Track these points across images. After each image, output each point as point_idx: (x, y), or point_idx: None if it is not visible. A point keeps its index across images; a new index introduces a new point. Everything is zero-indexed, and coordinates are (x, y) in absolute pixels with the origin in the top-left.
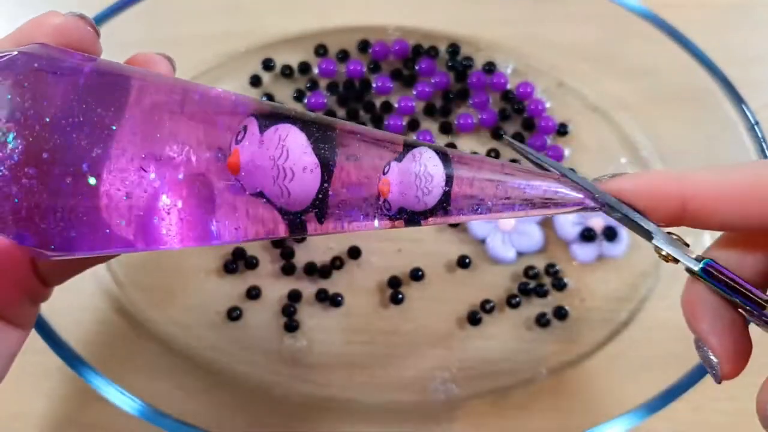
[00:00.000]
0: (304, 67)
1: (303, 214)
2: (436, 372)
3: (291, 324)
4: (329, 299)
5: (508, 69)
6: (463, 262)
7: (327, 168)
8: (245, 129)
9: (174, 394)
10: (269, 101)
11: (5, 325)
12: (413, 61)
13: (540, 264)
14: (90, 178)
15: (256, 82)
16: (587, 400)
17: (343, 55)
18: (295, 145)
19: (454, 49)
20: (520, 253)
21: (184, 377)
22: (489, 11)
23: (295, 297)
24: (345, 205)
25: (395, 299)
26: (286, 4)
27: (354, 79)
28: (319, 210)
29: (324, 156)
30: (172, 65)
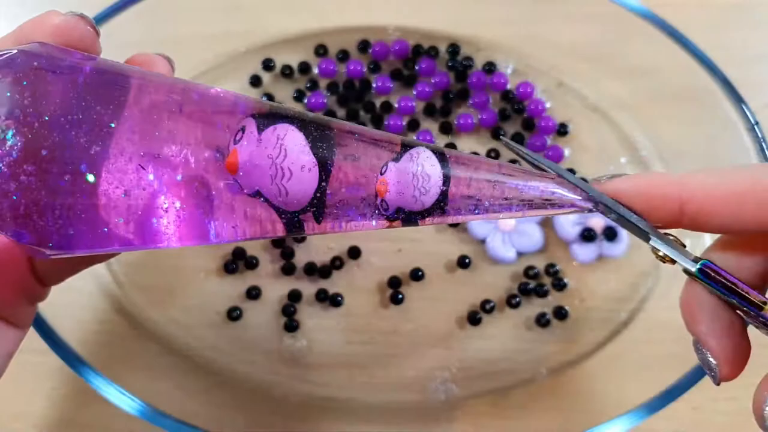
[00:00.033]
0: (304, 67)
1: (301, 214)
2: (436, 372)
3: (291, 324)
4: (329, 299)
5: (508, 69)
6: (463, 262)
7: (325, 167)
8: (243, 129)
9: (174, 394)
10: (268, 101)
11: (3, 325)
12: (413, 61)
13: (540, 264)
14: (88, 175)
15: (256, 82)
16: (587, 400)
17: (343, 55)
18: (293, 145)
19: (454, 49)
20: (520, 253)
21: (184, 377)
22: (489, 11)
23: (295, 297)
24: (342, 204)
25: (395, 299)
26: (286, 4)
27: (354, 79)
28: (317, 209)
29: (322, 155)
30: (171, 65)
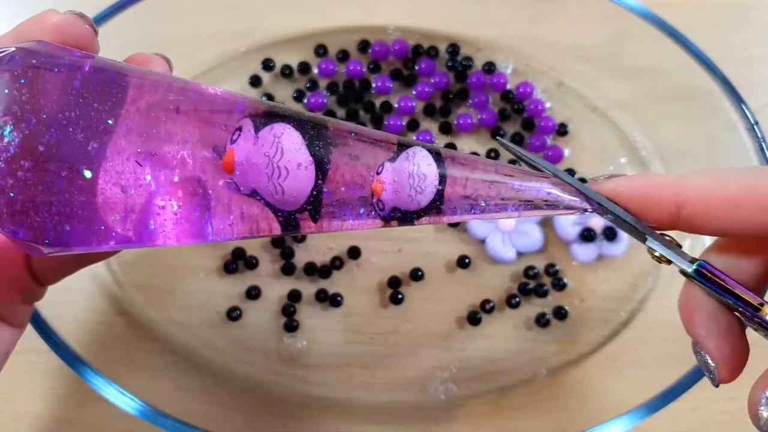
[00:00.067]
0: (304, 67)
1: (297, 213)
2: (436, 372)
3: (291, 324)
4: (329, 299)
5: (508, 69)
6: (463, 262)
7: (321, 166)
8: (240, 129)
9: (174, 393)
10: (266, 101)
11: None
12: (413, 61)
13: (540, 264)
14: (86, 172)
15: (256, 82)
16: (587, 400)
17: (343, 55)
18: (290, 144)
19: (454, 49)
20: (520, 253)
21: (184, 377)
22: (489, 11)
23: (295, 297)
24: (339, 203)
25: (395, 299)
26: (286, 4)
27: (354, 79)
28: (313, 208)
29: (318, 154)
30: (170, 65)
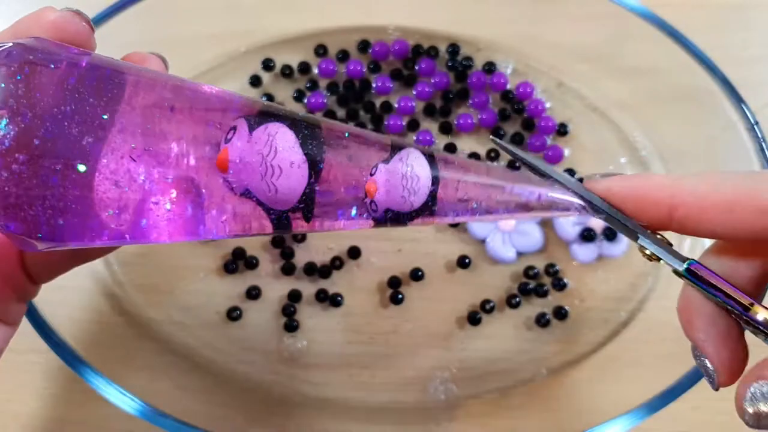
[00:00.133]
0: (304, 67)
1: (289, 212)
2: (436, 372)
3: (291, 324)
4: (329, 299)
5: (508, 69)
6: (463, 262)
7: (314, 166)
8: (235, 128)
9: (174, 393)
10: (260, 100)
11: None
12: (413, 61)
13: (540, 264)
14: (80, 166)
15: (256, 82)
16: (587, 400)
17: (343, 55)
18: (283, 143)
19: (454, 49)
20: (520, 253)
21: (184, 377)
22: (489, 11)
23: (295, 297)
24: (332, 203)
25: (395, 299)
26: (286, 4)
27: (354, 79)
28: (306, 208)
29: (312, 154)
30: (165, 64)
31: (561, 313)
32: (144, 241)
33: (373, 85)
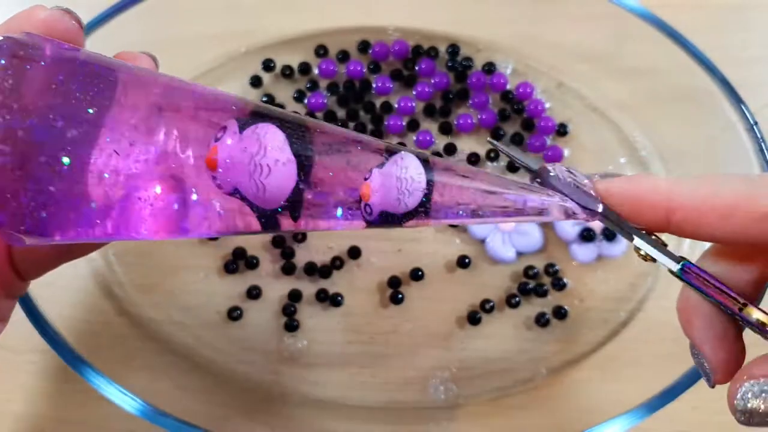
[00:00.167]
0: (305, 68)
1: (278, 211)
2: (436, 372)
3: (291, 324)
4: (329, 299)
5: (508, 69)
6: (463, 262)
7: (303, 166)
8: (225, 128)
9: (174, 393)
10: (252, 101)
11: None
12: (413, 61)
13: (540, 264)
14: (64, 159)
15: (256, 82)
16: (587, 399)
17: (343, 56)
18: (273, 142)
19: (453, 49)
20: (520, 253)
21: (184, 377)
22: (489, 11)
23: (295, 297)
24: (321, 204)
25: (395, 299)
26: (286, 4)
27: (354, 79)
28: (294, 207)
29: (301, 154)
30: (156, 63)
31: (561, 313)
32: (130, 237)
33: (373, 85)
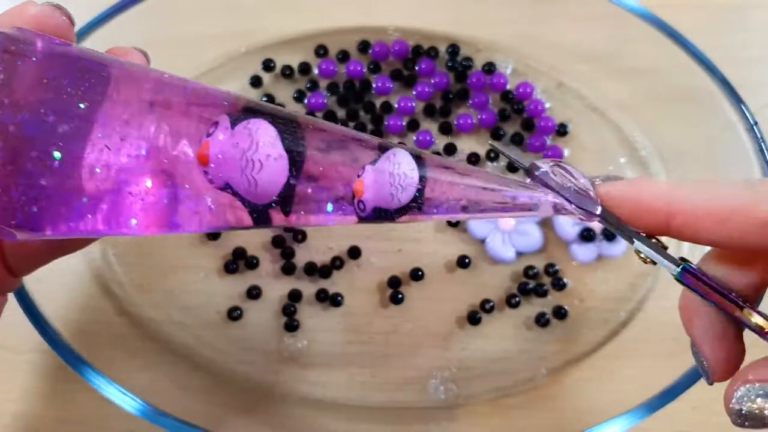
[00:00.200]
0: (305, 68)
1: (269, 206)
2: (436, 372)
3: (291, 324)
4: (329, 299)
5: (508, 69)
6: (463, 262)
7: (295, 162)
8: (217, 124)
9: (174, 393)
10: (244, 96)
11: None
12: (413, 61)
13: (540, 264)
14: (55, 154)
15: (256, 82)
16: (587, 399)
17: (343, 56)
18: (265, 138)
19: (453, 49)
20: (520, 253)
21: (184, 377)
22: (489, 11)
23: (295, 297)
24: (314, 199)
25: (395, 299)
26: (286, 4)
27: (354, 79)
28: (285, 202)
29: (293, 150)
30: (147, 59)
31: (561, 313)
32: (121, 233)
33: (373, 85)
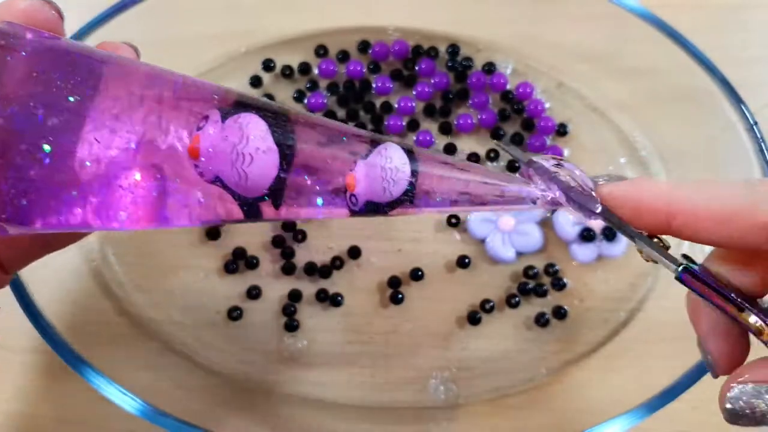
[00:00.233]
0: (305, 68)
1: (260, 199)
2: (436, 372)
3: (291, 324)
4: (329, 299)
5: (508, 69)
6: (463, 262)
7: (285, 155)
8: (207, 118)
9: (174, 393)
10: (235, 90)
11: None
12: (413, 61)
13: (539, 264)
14: (45, 147)
15: (256, 82)
16: (587, 399)
17: (343, 56)
18: (255, 131)
19: (453, 49)
20: (520, 253)
21: (185, 377)
22: (489, 11)
23: (295, 297)
24: (304, 193)
25: (395, 299)
26: (286, 4)
27: (354, 79)
28: (275, 195)
29: (283, 143)
30: (137, 54)
31: (560, 313)
32: (111, 227)
33: (373, 85)
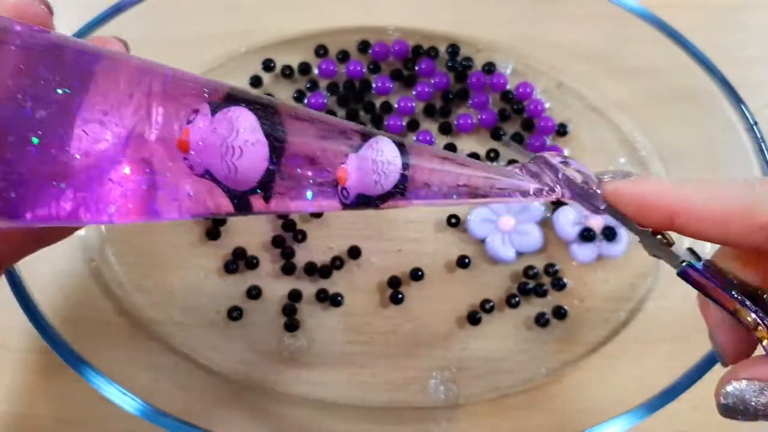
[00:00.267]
0: (305, 68)
1: (250, 192)
2: (436, 372)
3: (291, 324)
4: (329, 299)
5: (508, 69)
6: (463, 262)
7: (275, 148)
8: (197, 111)
9: (174, 393)
10: (226, 84)
11: None
12: (413, 61)
13: (539, 264)
14: (33, 139)
15: (256, 82)
16: (587, 399)
17: (343, 56)
18: (245, 124)
19: (453, 49)
20: (520, 253)
21: (185, 377)
22: (489, 11)
23: (295, 297)
24: (294, 185)
25: (395, 299)
26: (286, 4)
27: (354, 79)
28: (265, 188)
29: (273, 136)
30: (126, 48)
31: (560, 313)
32: (101, 220)
33: (373, 85)
